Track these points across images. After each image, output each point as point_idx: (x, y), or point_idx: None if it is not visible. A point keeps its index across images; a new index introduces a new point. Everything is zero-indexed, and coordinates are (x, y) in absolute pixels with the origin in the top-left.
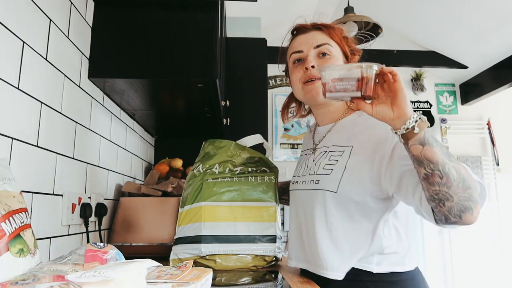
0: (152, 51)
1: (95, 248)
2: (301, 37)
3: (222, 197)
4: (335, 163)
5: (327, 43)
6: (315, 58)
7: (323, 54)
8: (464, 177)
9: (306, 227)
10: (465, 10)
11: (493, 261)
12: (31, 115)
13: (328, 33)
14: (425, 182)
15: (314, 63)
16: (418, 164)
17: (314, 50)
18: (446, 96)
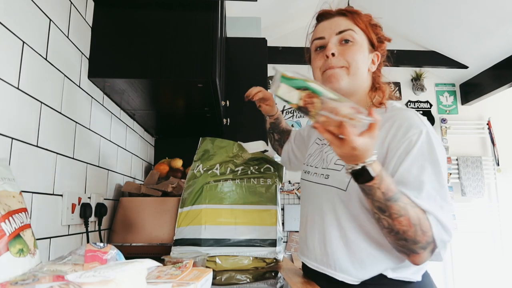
0: (152, 51)
1: (95, 248)
2: (324, 23)
3: (223, 200)
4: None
5: (350, 29)
6: (337, 45)
7: (345, 41)
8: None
9: (312, 222)
10: (465, 10)
11: (493, 261)
12: (31, 115)
13: (352, 19)
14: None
15: (335, 51)
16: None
17: (336, 36)
18: (446, 96)
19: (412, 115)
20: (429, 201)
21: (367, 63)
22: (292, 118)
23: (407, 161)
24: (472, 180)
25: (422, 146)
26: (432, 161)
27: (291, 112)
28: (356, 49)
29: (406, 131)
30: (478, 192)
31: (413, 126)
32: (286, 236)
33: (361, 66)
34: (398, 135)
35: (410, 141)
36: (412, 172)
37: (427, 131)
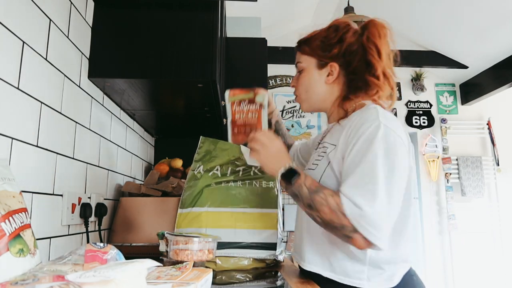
0: (152, 51)
1: (95, 248)
2: None
3: (224, 203)
4: (321, 159)
5: (298, 62)
6: (297, 76)
7: (299, 72)
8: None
9: (299, 221)
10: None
11: (493, 261)
12: (31, 115)
13: (301, 50)
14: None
15: (294, 83)
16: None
17: (296, 69)
18: (446, 96)
19: (370, 111)
20: (349, 187)
21: (320, 80)
22: (292, 118)
23: (352, 153)
24: (472, 180)
25: (369, 137)
26: (375, 152)
27: (291, 112)
28: (303, 76)
29: (359, 126)
30: (478, 192)
31: (367, 120)
32: (286, 236)
33: (310, 87)
34: (353, 129)
35: (359, 134)
36: (352, 161)
37: (380, 124)
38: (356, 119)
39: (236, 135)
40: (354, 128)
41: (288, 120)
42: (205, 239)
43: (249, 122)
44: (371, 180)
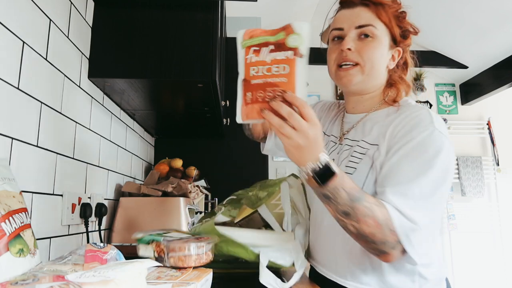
0: (152, 51)
1: (95, 248)
2: (345, 12)
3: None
4: (359, 161)
5: (370, 25)
6: (355, 39)
7: (365, 36)
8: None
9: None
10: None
11: (493, 261)
12: (31, 115)
13: (375, 11)
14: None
15: (352, 46)
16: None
17: (355, 30)
18: (446, 96)
19: (423, 113)
20: (399, 197)
21: (386, 60)
22: None
23: (399, 154)
24: (472, 180)
25: (422, 143)
26: (429, 163)
27: None
28: (375, 46)
29: (410, 129)
30: (478, 192)
31: (420, 124)
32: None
33: (378, 64)
34: (401, 132)
35: (409, 138)
36: (401, 167)
37: (433, 131)
38: (405, 118)
39: (249, 107)
40: (403, 128)
41: None
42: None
43: (274, 82)
44: (425, 194)
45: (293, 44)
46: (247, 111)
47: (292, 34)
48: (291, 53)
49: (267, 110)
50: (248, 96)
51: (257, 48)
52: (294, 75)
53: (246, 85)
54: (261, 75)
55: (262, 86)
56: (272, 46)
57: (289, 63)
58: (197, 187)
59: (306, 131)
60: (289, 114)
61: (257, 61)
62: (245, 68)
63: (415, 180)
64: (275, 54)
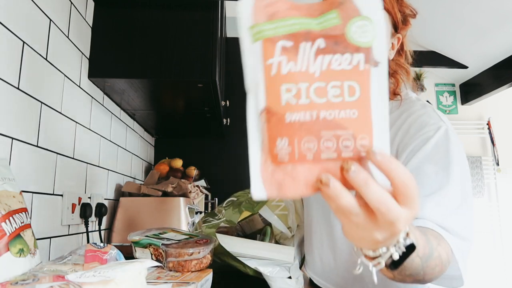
0: (152, 51)
1: (95, 248)
2: None
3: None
4: None
5: None
6: None
7: None
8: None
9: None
10: (465, 10)
11: (493, 261)
12: (31, 115)
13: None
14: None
15: None
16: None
17: None
18: (446, 96)
19: (429, 110)
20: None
21: (388, 51)
22: None
23: (419, 157)
24: (472, 180)
25: (438, 142)
26: (450, 161)
27: None
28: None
29: (420, 127)
30: (478, 192)
31: (429, 122)
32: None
33: None
34: (411, 132)
35: (424, 137)
36: (424, 170)
37: (447, 129)
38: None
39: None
40: (411, 127)
41: None
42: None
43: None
44: (462, 196)
45: (362, 40)
46: (282, 179)
47: (356, 18)
48: (361, 57)
49: (331, 180)
50: (280, 148)
51: (290, 44)
52: (370, 104)
53: (273, 124)
54: (307, 104)
55: (311, 128)
56: (321, 41)
57: (359, 77)
58: (197, 187)
59: (396, 224)
60: (381, 200)
61: (294, 72)
62: (268, 87)
63: (448, 184)
64: (328, 58)
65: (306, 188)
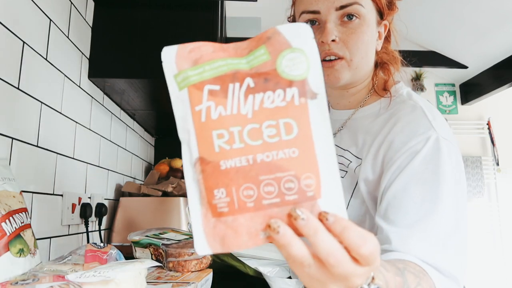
0: (152, 51)
1: (95, 248)
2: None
3: None
4: (344, 174)
5: (356, 2)
6: (337, 24)
7: (348, 17)
8: None
9: None
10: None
11: (493, 261)
12: (31, 115)
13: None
14: None
15: (336, 35)
16: None
17: (336, 12)
18: (446, 96)
19: (418, 114)
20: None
21: (374, 43)
22: None
23: (405, 176)
24: (472, 180)
25: (427, 157)
26: (440, 179)
27: None
28: (363, 31)
29: (407, 138)
30: (478, 192)
31: (417, 131)
32: None
33: (367, 52)
34: (396, 145)
35: (412, 151)
36: (410, 194)
37: (437, 138)
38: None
39: (225, 222)
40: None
41: None
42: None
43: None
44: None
45: (294, 73)
46: (224, 232)
47: (286, 50)
48: (295, 91)
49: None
50: (218, 199)
51: (217, 87)
52: (312, 140)
53: (208, 173)
54: (241, 148)
55: (249, 173)
56: (250, 81)
57: (295, 113)
58: None
59: (351, 279)
60: (330, 252)
61: (225, 116)
62: (199, 135)
63: (435, 212)
64: (259, 97)
65: (250, 239)
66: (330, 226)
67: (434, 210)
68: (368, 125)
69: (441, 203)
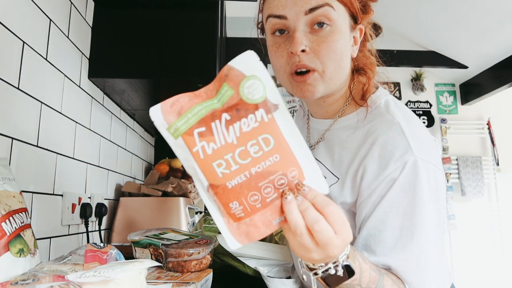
0: (152, 51)
1: (95, 248)
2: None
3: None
4: None
5: (326, 4)
6: (307, 32)
7: (319, 25)
8: None
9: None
10: (465, 10)
11: (493, 261)
12: (31, 115)
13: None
14: None
15: (306, 45)
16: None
17: (305, 17)
18: (446, 96)
19: (395, 133)
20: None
21: (349, 50)
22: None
23: (383, 206)
24: (472, 180)
25: (404, 185)
26: (417, 207)
27: (291, 113)
28: (335, 39)
29: (385, 164)
30: (478, 192)
31: (394, 155)
32: None
33: (342, 61)
34: (374, 169)
35: (389, 179)
36: (389, 224)
37: (414, 161)
38: (374, 147)
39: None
40: (372, 163)
41: None
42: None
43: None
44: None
45: (256, 97)
46: (247, 230)
47: (243, 80)
48: (262, 112)
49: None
50: (235, 209)
51: (203, 129)
52: (286, 142)
53: (220, 194)
54: (238, 168)
55: (250, 184)
56: (226, 116)
57: (268, 128)
58: None
59: (331, 248)
60: (315, 222)
61: (217, 149)
62: (203, 169)
63: (411, 242)
64: (237, 126)
65: (267, 228)
66: (305, 195)
67: (412, 238)
68: (345, 139)
69: (418, 233)
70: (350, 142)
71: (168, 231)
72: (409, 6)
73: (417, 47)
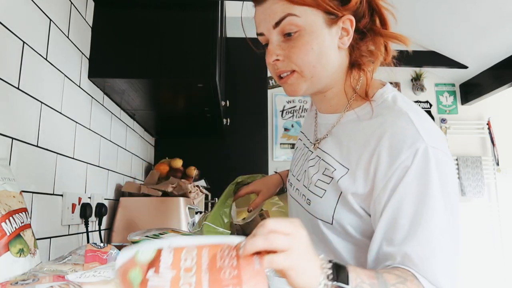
0: (152, 51)
1: (95, 248)
2: (258, 10)
3: None
4: (329, 181)
5: (288, 14)
6: (280, 42)
7: (288, 34)
8: None
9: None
10: (465, 10)
11: (493, 261)
12: (31, 115)
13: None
14: None
15: (279, 54)
16: None
17: (274, 31)
18: (446, 96)
19: (405, 123)
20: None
21: (331, 45)
22: (292, 118)
23: (397, 196)
24: (472, 180)
25: (417, 172)
26: (429, 194)
27: (291, 112)
28: (304, 43)
29: (397, 153)
30: (478, 192)
31: (405, 143)
32: None
33: (319, 60)
34: (386, 159)
35: (403, 166)
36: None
37: (425, 149)
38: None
39: None
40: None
41: (288, 120)
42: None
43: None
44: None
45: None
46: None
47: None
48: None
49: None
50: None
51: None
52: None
53: None
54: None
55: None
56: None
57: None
58: (197, 187)
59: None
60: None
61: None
62: None
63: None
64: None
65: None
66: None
67: (422, 224)
68: (353, 131)
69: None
70: (358, 134)
71: (168, 231)
72: (409, 6)
73: (417, 47)
